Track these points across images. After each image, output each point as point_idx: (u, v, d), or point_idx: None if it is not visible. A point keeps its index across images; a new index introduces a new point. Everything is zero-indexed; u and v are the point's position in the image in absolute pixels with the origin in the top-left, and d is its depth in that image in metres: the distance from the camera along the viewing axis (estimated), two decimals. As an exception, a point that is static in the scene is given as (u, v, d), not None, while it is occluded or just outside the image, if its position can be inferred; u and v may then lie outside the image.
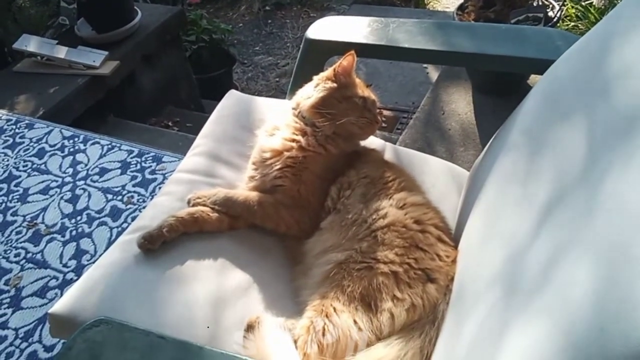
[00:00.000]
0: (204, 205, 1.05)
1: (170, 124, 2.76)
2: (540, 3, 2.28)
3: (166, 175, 1.94)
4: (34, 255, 1.71)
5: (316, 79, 1.16)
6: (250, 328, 0.87)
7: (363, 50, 1.29)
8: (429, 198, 1.08)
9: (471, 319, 0.71)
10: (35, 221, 1.82)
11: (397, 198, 1.01)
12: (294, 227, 1.05)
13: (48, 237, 1.77)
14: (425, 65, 3.25)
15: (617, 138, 0.64)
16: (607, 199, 0.58)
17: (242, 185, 1.13)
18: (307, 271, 0.98)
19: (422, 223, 0.98)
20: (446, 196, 1.19)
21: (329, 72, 1.14)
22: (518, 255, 0.68)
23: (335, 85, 1.11)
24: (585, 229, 0.57)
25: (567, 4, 2.84)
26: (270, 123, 1.17)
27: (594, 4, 2.84)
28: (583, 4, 2.87)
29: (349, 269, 0.91)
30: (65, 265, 1.67)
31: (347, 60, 1.11)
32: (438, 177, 1.27)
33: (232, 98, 1.39)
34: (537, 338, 0.53)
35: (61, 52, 2.48)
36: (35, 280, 1.63)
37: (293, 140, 1.08)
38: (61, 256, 1.70)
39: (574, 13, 2.90)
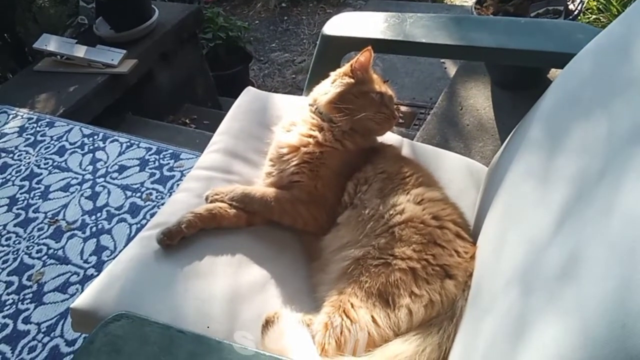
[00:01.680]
0: (222, 201, 1.05)
1: (187, 121, 2.78)
2: (560, -4, 2.24)
3: (184, 172, 1.96)
4: (56, 252, 1.74)
5: (333, 74, 1.15)
6: (268, 323, 0.88)
7: (380, 45, 1.29)
8: (447, 194, 1.07)
9: (490, 315, 0.71)
10: (56, 218, 1.85)
11: (415, 193, 1.01)
12: (311, 222, 1.05)
13: (69, 233, 1.80)
14: (443, 60, 3.23)
15: (638, 135, 0.63)
16: (627, 196, 0.57)
17: (259, 182, 1.14)
18: (324, 267, 0.98)
19: (440, 219, 0.97)
20: (464, 192, 1.18)
21: (346, 67, 1.14)
22: (537, 252, 0.68)
23: (352, 80, 1.10)
24: (605, 225, 0.57)
25: (588, -3, 2.79)
26: (287, 119, 1.17)
27: (615, -4, 2.78)
28: (605, -4, 2.82)
29: (366, 265, 0.91)
30: (86, 261, 1.70)
31: (364, 56, 1.10)
32: (456, 172, 1.26)
33: (249, 95, 1.40)
34: (557, 334, 0.52)
35: (80, 51, 2.51)
36: (57, 276, 1.66)
37: (310, 136, 1.08)
38: (82, 252, 1.73)
39: (595, 5, 2.84)
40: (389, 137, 1.24)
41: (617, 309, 0.47)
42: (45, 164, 2.08)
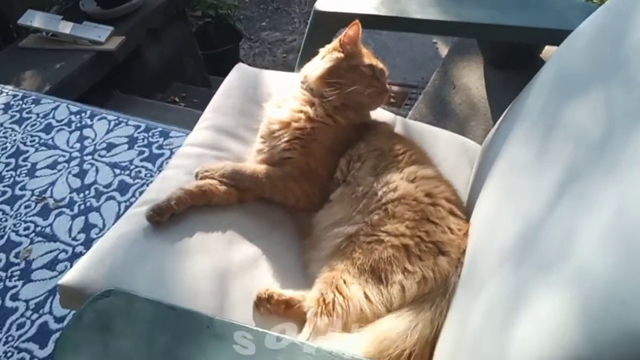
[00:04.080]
0: (212, 178, 1.04)
1: (176, 99, 2.74)
2: (554, -25, 2.22)
3: (173, 150, 1.93)
4: (43, 229, 1.72)
5: (322, 50, 1.14)
6: (259, 300, 0.87)
7: (373, 21, 1.27)
8: (441, 171, 1.06)
9: (484, 291, 0.70)
10: (43, 195, 1.83)
11: (408, 171, 1.00)
12: (303, 199, 1.04)
13: (57, 211, 1.77)
14: (434, 40, 3.21)
15: (635, 111, 0.62)
16: (625, 170, 0.56)
17: (250, 159, 1.12)
18: (316, 244, 0.97)
19: (434, 196, 0.96)
20: (458, 169, 1.17)
21: (335, 42, 1.13)
22: (533, 228, 0.67)
23: (341, 55, 1.09)
24: (604, 200, 0.56)
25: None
26: (278, 95, 1.15)
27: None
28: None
29: (359, 241, 0.90)
30: (74, 239, 1.68)
31: (352, 30, 1.09)
32: (449, 150, 1.25)
33: (239, 71, 1.37)
34: (553, 310, 0.52)
35: (66, 27, 2.46)
36: (45, 253, 1.64)
37: (301, 112, 1.06)
38: (70, 230, 1.71)
39: (588, -14, 2.83)
40: (382, 115, 1.23)
41: (616, 285, 0.47)
42: (31, 142, 2.05)
